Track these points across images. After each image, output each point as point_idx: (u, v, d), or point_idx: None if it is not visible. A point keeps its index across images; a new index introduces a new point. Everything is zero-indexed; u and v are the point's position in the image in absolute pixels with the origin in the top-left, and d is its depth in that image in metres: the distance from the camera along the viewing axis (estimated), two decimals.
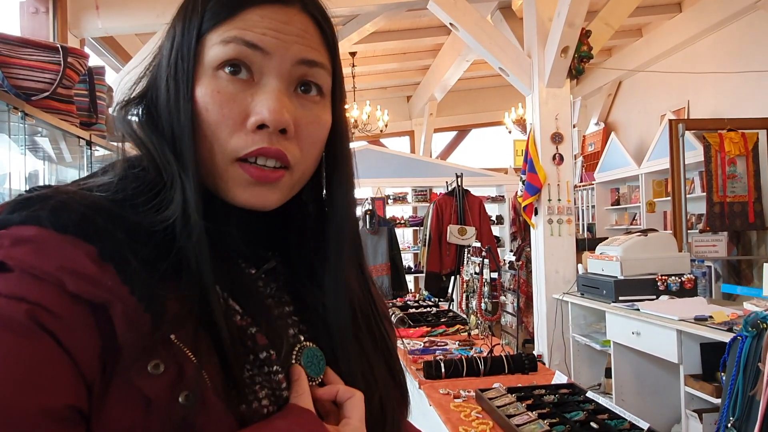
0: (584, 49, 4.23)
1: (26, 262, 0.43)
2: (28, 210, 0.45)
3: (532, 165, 4.30)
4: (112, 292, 0.44)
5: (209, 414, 0.45)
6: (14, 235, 0.44)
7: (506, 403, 1.69)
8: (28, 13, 3.27)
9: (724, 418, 1.73)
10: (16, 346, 0.40)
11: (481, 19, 4.34)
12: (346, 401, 0.54)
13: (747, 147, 4.41)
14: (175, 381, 0.44)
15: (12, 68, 1.89)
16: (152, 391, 0.43)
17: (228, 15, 0.51)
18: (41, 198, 0.46)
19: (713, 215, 4.40)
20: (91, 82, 2.42)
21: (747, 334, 1.71)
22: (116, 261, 0.45)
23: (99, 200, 0.48)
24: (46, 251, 0.44)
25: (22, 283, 0.42)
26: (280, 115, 0.50)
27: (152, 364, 0.44)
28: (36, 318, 0.41)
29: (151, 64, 0.56)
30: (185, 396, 0.44)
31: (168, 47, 0.53)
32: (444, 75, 7.45)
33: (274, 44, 0.51)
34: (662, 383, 3.26)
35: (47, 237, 0.44)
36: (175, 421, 0.43)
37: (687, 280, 3.38)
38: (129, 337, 0.43)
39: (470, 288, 3.49)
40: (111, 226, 0.46)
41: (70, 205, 0.46)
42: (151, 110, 0.54)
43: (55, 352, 0.41)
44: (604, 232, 6.96)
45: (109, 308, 0.43)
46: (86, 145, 2.28)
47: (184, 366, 0.45)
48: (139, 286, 0.45)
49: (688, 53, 6.16)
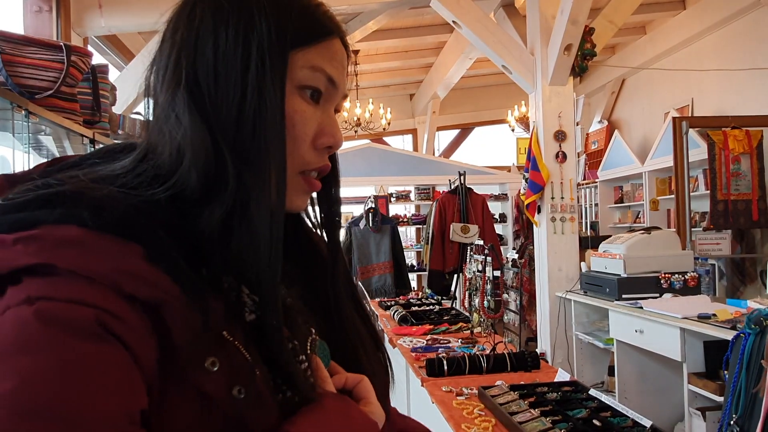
0: (587, 46, 4.22)
1: (77, 264, 0.42)
2: (61, 207, 0.44)
3: (535, 163, 4.29)
4: (167, 292, 0.44)
5: (261, 406, 0.47)
6: (57, 236, 0.43)
7: (509, 401, 1.69)
8: (32, 12, 3.28)
9: (726, 416, 1.73)
10: (90, 353, 0.39)
11: (484, 17, 4.33)
12: (357, 386, 0.57)
13: (751, 144, 4.39)
14: (230, 376, 0.45)
15: (16, 66, 1.89)
16: (210, 388, 0.44)
17: (315, 40, 0.54)
18: (72, 194, 0.45)
19: (717, 213, 4.39)
20: (94, 80, 2.43)
21: (750, 332, 1.71)
22: (164, 261, 0.45)
23: (132, 198, 0.47)
24: (97, 253, 0.43)
25: (77, 286, 0.41)
26: (341, 141, 0.58)
27: (209, 361, 0.45)
28: (103, 322, 0.40)
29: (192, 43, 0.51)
30: (239, 390, 0.46)
31: (237, 41, 0.50)
32: (447, 73, 7.44)
33: (341, 81, 0.57)
34: (665, 381, 3.26)
35: (93, 238, 0.43)
36: (231, 415, 0.45)
37: (690, 278, 3.37)
38: (185, 336, 0.44)
39: (473, 286, 3.48)
40: (152, 225, 0.46)
41: (108, 202, 0.45)
42: (203, 104, 0.50)
43: (125, 357, 0.41)
44: (607, 230, 6.94)
45: (164, 308, 0.43)
46: (90, 143, 2.29)
47: (237, 361, 0.47)
48: (188, 286, 0.45)
49: (691, 50, 6.14)
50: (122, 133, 2.87)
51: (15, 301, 0.41)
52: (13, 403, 0.36)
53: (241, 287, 0.52)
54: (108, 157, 0.55)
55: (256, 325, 0.50)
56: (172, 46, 0.52)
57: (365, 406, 0.56)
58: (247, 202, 0.50)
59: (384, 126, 7.50)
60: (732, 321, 2.57)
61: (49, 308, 0.40)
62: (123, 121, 2.89)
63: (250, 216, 0.49)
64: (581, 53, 4.18)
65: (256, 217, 0.49)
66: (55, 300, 0.40)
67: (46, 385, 0.37)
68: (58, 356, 0.38)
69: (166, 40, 0.54)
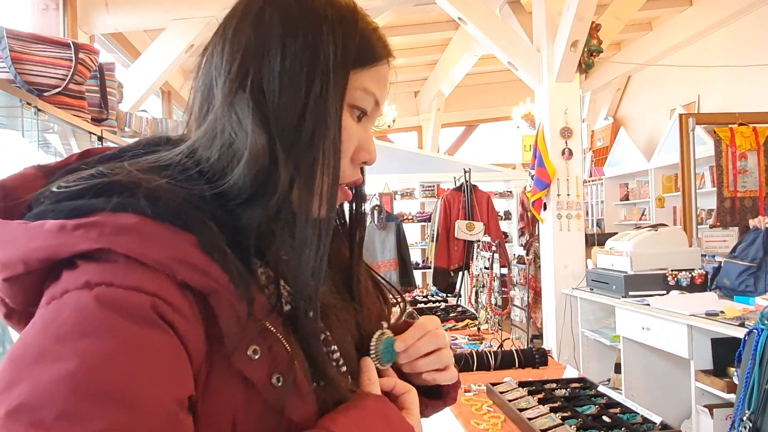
0: (594, 42, 4.20)
1: (135, 251, 0.43)
2: (118, 196, 0.45)
3: (541, 160, 4.28)
4: (217, 281, 0.45)
5: (300, 395, 0.50)
6: (116, 223, 0.44)
7: (517, 397, 1.69)
8: (39, 10, 3.28)
9: (739, 412, 1.72)
10: (147, 339, 0.41)
11: (490, 14, 4.31)
12: (403, 395, 0.60)
13: (758, 141, 4.37)
14: (270, 364, 0.48)
15: (24, 64, 1.90)
16: (251, 374, 0.47)
17: (370, 63, 0.56)
18: (127, 184, 0.46)
19: (724, 210, 4.37)
20: (101, 78, 2.43)
21: (763, 328, 1.70)
22: (215, 251, 0.46)
23: (183, 191, 0.49)
24: (154, 240, 0.44)
25: (135, 273, 0.43)
26: (376, 158, 0.61)
27: (251, 349, 0.47)
28: (158, 310, 0.42)
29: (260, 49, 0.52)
30: (278, 378, 0.48)
31: (305, 55, 0.52)
32: (452, 70, 7.42)
33: (383, 102, 0.60)
34: (672, 378, 3.25)
35: (150, 226, 0.45)
36: (270, 401, 0.47)
37: (698, 276, 3.36)
38: (231, 325, 0.46)
39: (479, 283, 3.48)
40: (204, 216, 0.48)
41: (163, 193, 0.47)
42: (265, 111, 0.51)
43: (177, 345, 0.43)
44: (613, 227, 6.92)
45: (213, 297, 0.45)
46: (98, 140, 2.29)
47: (277, 350, 0.49)
48: (235, 276, 0.47)
49: (698, 47, 6.10)
50: (129, 130, 2.88)
51: (74, 285, 0.42)
52: (73, 384, 0.38)
53: (279, 280, 0.54)
54: (148, 150, 0.55)
55: (290, 316, 0.52)
56: (234, 46, 0.52)
57: (407, 415, 0.58)
58: (292, 210, 0.52)
59: (389, 123, 7.49)
60: (740, 318, 2.56)
61: (109, 294, 0.41)
62: (130, 119, 2.89)
63: (301, 225, 0.52)
64: (587, 49, 4.17)
65: (305, 228, 0.51)
66: (115, 286, 0.42)
67: (105, 368, 0.39)
68: (116, 341, 0.40)
69: (227, 38, 0.53)
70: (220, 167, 0.51)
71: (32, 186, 0.51)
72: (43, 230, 0.44)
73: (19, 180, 0.51)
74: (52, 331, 0.40)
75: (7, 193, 0.50)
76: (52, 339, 0.40)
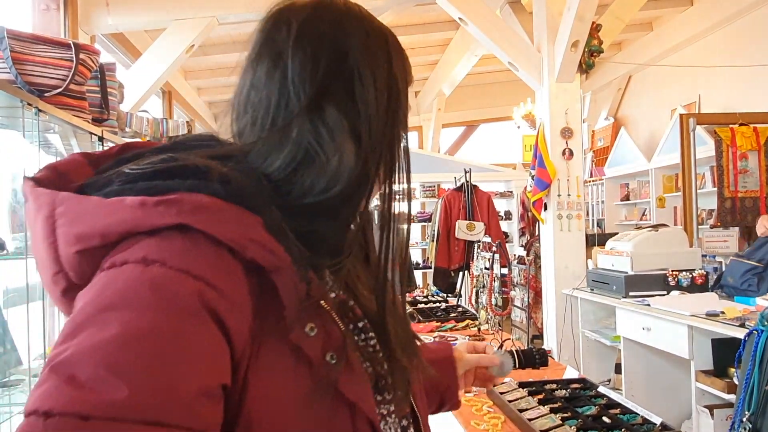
0: (595, 43, 4.20)
1: (210, 228, 0.47)
2: (192, 178, 0.49)
3: (542, 160, 4.28)
4: (281, 260, 0.49)
5: (352, 372, 0.53)
6: (194, 201, 0.47)
7: (518, 398, 1.69)
8: (40, 10, 3.29)
9: (739, 413, 1.72)
10: (184, 325, 0.43)
11: (491, 14, 4.31)
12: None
13: (759, 141, 4.37)
14: (325, 342, 0.52)
15: (25, 65, 1.90)
16: (309, 350, 0.50)
17: (412, 80, 0.65)
18: (200, 168, 0.50)
19: (724, 210, 4.37)
20: (102, 78, 2.43)
21: (763, 329, 1.70)
22: (279, 233, 0.50)
23: (248, 178, 0.52)
24: (227, 218, 0.48)
25: (189, 255, 0.46)
26: None
27: (308, 327, 0.51)
28: (204, 297, 0.45)
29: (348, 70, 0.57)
30: (331, 356, 0.51)
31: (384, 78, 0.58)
32: (452, 70, 7.42)
33: None
34: (673, 379, 3.25)
35: (224, 206, 0.48)
36: (321, 378, 0.50)
37: (698, 276, 3.36)
38: (292, 302, 0.49)
39: (480, 283, 3.48)
40: (268, 201, 0.52)
41: (234, 177, 0.51)
42: (354, 122, 0.56)
43: (215, 334, 0.45)
44: (613, 227, 6.92)
45: (276, 274, 0.49)
46: (98, 140, 2.29)
47: (331, 330, 0.53)
48: (297, 257, 0.50)
49: (699, 47, 6.10)
50: (129, 130, 2.88)
51: (133, 258, 0.46)
52: (106, 352, 0.41)
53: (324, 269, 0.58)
54: (198, 145, 0.58)
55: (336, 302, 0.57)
56: (314, 66, 0.55)
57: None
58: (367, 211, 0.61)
59: None
60: (740, 318, 2.56)
61: (160, 274, 0.44)
62: (130, 119, 2.89)
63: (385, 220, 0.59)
64: (588, 50, 4.16)
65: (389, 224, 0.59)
66: (167, 267, 0.45)
67: (137, 344, 0.42)
68: (156, 320, 0.43)
69: (306, 51, 0.56)
70: (286, 170, 0.55)
71: (81, 171, 0.55)
72: (123, 205, 0.47)
73: (70, 165, 0.55)
74: (105, 298, 0.44)
75: (60, 175, 0.53)
76: (102, 306, 0.43)
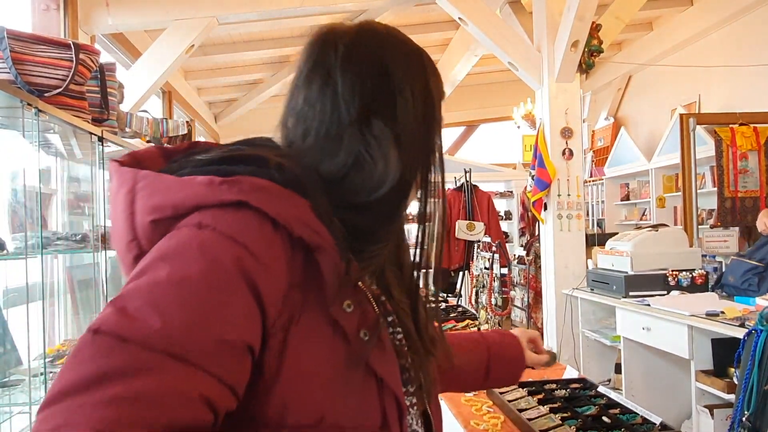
0: (594, 42, 4.20)
1: (265, 206, 0.54)
2: (253, 165, 0.57)
3: (542, 160, 4.28)
4: (325, 240, 0.56)
5: (383, 350, 0.60)
6: (253, 183, 0.55)
7: (517, 398, 1.69)
8: (40, 10, 3.29)
9: (738, 413, 1.72)
10: (219, 285, 0.50)
11: (491, 14, 4.31)
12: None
13: (759, 141, 4.37)
14: (360, 319, 0.58)
15: (25, 65, 1.90)
16: (346, 325, 0.57)
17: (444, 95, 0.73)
18: (260, 157, 0.59)
19: (724, 210, 4.37)
20: (102, 78, 2.43)
21: (762, 329, 1.70)
22: (325, 217, 0.57)
23: (298, 169, 0.59)
24: (280, 199, 0.55)
25: (246, 221, 0.53)
26: None
27: (346, 303, 0.57)
28: (241, 262, 0.51)
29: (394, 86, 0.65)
30: (365, 333, 0.58)
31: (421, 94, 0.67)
32: (452, 70, 7.40)
33: None
34: (673, 379, 3.25)
35: (278, 189, 0.56)
36: (354, 353, 0.57)
37: (698, 276, 3.36)
38: (333, 279, 0.55)
39: (480, 283, 3.48)
40: (319, 191, 0.59)
41: (287, 165, 0.58)
42: (399, 139, 0.64)
43: (247, 297, 0.51)
44: (613, 227, 6.91)
45: (319, 252, 0.55)
46: (98, 141, 2.29)
47: (366, 308, 0.60)
48: (339, 240, 0.57)
49: (699, 47, 6.09)
50: (129, 130, 2.88)
51: (191, 223, 0.54)
52: (152, 291, 0.49)
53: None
54: (261, 144, 0.66)
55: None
56: (362, 86, 0.63)
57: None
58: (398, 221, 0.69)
59: None
60: (740, 318, 2.56)
61: (209, 237, 0.52)
62: (130, 119, 2.90)
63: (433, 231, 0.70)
64: (588, 50, 4.16)
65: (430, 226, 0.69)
66: (217, 232, 0.52)
67: (181, 287, 0.49)
68: (197, 273, 0.50)
69: (354, 71, 0.64)
70: (338, 173, 0.62)
71: (155, 161, 0.63)
72: (194, 182, 0.55)
73: (146, 154, 0.64)
74: (162, 251, 0.52)
75: (138, 162, 0.62)
76: (158, 257, 0.52)
